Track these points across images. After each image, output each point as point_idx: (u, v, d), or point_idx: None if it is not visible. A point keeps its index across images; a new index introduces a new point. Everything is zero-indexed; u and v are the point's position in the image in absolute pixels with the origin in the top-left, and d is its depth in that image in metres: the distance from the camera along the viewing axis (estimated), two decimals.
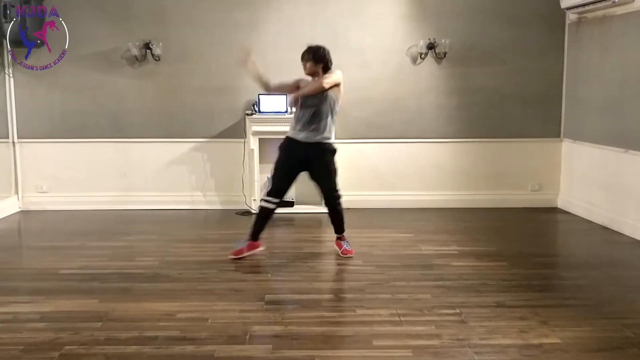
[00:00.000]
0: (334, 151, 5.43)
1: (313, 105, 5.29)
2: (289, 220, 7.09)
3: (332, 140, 5.49)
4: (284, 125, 6.99)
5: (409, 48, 7.43)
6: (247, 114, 7.23)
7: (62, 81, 7.45)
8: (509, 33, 7.42)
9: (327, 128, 5.37)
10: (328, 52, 5.45)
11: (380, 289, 4.64)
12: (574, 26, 7.28)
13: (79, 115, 7.50)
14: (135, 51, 7.27)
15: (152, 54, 7.32)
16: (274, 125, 7.14)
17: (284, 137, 5.52)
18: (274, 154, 5.56)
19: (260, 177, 7.32)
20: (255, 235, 5.48)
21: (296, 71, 7.29)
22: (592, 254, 5.80)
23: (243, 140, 7.36)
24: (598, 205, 6.79)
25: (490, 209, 7.51)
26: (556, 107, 7.56)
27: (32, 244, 6.24)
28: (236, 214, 7.32)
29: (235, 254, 5.41)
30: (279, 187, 5.39)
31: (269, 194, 5.42)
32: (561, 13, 7.27)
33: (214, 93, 7.45)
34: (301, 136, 5.33)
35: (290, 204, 7.29)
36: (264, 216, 5.44)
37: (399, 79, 7.47)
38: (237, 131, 7.44)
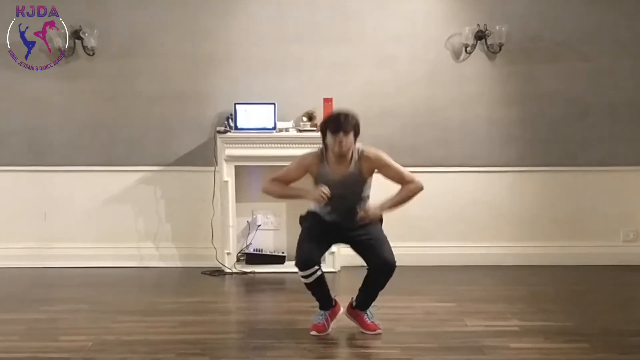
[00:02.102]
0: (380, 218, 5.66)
1: (344, 197, 5.45)
2: (278, 283, 7.16)
3: None
4: (272, 147, 7.11)
5: (450, 38, 7.57)
6: (219, 132, 7.32)
7: None
8: (593, 17, 7.55)
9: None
10: None
11: None
12: None
13: None
14: (58, 42, 7.42)
15: (84, 46, 7.46)
16: (256, 147, 7.23)
17: (270, 164, 5.64)
18: (256, 188, 5.62)
19: (237, 221, 7.39)
20: (328, 305, 5.61)
21: (288, 72, 7.45)
22: None
23: (213, 168, 7.46)
24: None
25: (566, 267, 7.57)
26: None
27: None
28: (203, 273, 7.39)
29: (318, 331, 5.53)
30: (309, 249, 5.48)
31: (299, 266, 5.47)
32: None
33: (172, 102, 7.57)
34: (334, 219, 5.54)
35: (281, 259, 7.36)
36: (316, 288, 5.53)
37: (434, 81, 7.60)
38: (204, 156, 7.54)
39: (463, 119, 7.61)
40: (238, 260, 7.52)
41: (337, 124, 5.24)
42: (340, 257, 7.27)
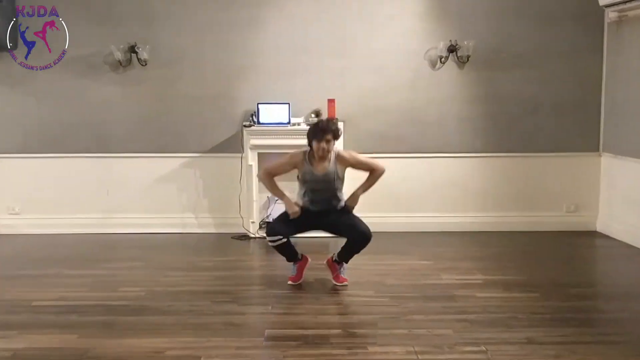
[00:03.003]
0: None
1: (323, 189, 5.50)
2: None
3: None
4: (286, 137, 7.10)
5: (428, 51, 7.51)
6: (245, 126, 7.30)
7: (37, 89, 7.56)
8: (541, 34, 7.49)
9: (340, 197, 5.60)
10: None
11: (396, 324, 4.67)
12: (613, 26, 7.33)
13: (56, 128, 7.60)
14: (119, 55, 7.37)
15: (138, 58, 7.41)
16: (275, 138, 7.22)
17: (285, 151, 5.66)
18: None
19: (259, 196, 7.38)
20: (295, 259, 5.68)
21: (298, 76, 7.43)
22: (635, 283, 5.82)
23: (240, 155, 7.43)
24: None
25: (521, 232, 7.55)
26: (594, 117, 7.61)
27: (3, 273, 6.23)
28: (232, 238, 7.39)
29: (294, 281, 5.63)
30: (280, 224, 5.55)
31: (267, 232, 5.57)
32: (599, 11, 7.31)
33: (207, 102, 7.54)
34: (314, 208, 5.54)
35: None
36: (282, 250, 5.56)
37: (416, 86, 7.54)
38: (233, 145, 7.51)
39: (439, 115, 7.56)
40: (260, 227, 7.49)
41: (321, 134, 5.34)
42: None
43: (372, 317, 4.81)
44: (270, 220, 7.41)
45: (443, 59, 7.46)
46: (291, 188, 5.71)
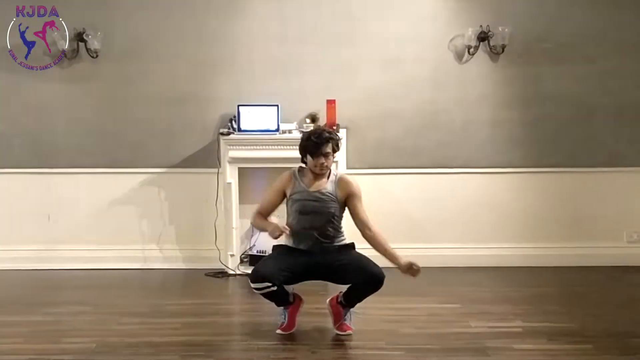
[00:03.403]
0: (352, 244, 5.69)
1: (317, 224, 5.49)
2: None
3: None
4: (274, 148, 7.14)
5: (453, 39, 7.59)
6: (222, 134, 7.36)
7: None
8: (595, 18, 7.57)
9: (340, 235, 5.62)
10: None
11: None
12: None
13: None
14: (63, 44, 7.45)
15: (87, 49, 7.49)
16: (260, 149, 7.26)
17: (273, 166, 5.69)
18: (259, 190, 5.66)
19: (240, 222, 7.41)
20: (287, 303, 5.63)
21: (290, 71, 7.47)
22: None
23: (216, 170, 7.48)
24: None
25: (569, 268, 7.58)
26: None
27: None
28: (206, 275, 7.42)
29: (285, 330, 5.59)
30: (267, 266, 5.50)
31: (251, 277, 5.48)
32: None
33: (175, 104, 7.61)
34: (308, 248, 5.54)
35: None
36: (271, 298, 5.56)
37: (437, 83, 7.63)
38: (207, 158, 7.57)
39: (466, 121, 7.63)
40: (241, 261, 7.54)
41: (318, 147, 5.35)
42: None
43: None
44: (255, 253, 7.47)
45: (472, 50, 7.53)
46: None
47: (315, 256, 5.45)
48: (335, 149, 5.45)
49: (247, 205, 7.33)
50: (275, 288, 5.34)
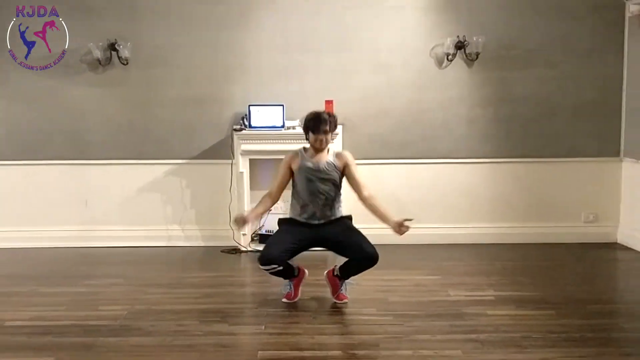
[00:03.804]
0: (349, 217, 5.73)
1: (320, 196, 5.53)
2: None
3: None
4: (280, 142, 7.12)
5: (434, 48, 7.56)
6: (235, 130, 7.34)
7: (7, 91, 7.61)
8: (556, 29, 7.53)
9: (339, 206, 5.66)
10: None
11: (400, 345, 4.69)
12: (635, 20, 7.37)
13: (28, 133, 7.64)
14: (97, 53, 7.41)
15: (119, 57, 7.46)
16: (267, 142, 7.25)
17: (279, 157, 5.70)
18: (267, 178, 5.65)
19: (251, 206, 7.39)
20: (292, 275, 5.65)
21: (293, 75, 7.47)
22: None
23: (230, 161, 7.48)
24: None
25: (535, 244, 7.58)
26: (615, 119, 7.66)
27: None
28: (222, 252, 7.42)
29: (290, 299, 5.65)
30: (274, 248, 5.47)
31: (260, 260, 5.45)
32: (620, 4, 7.40)
33: (194, 104, 7.58)
34: (310, 221, 5.57)
35: None
36: (276, 274, 5.54)
37: (421, 85, 7.59)
38: (222, 151, 7.56)
39: (446, 118, 7.61)
40: (252, 240, 7.54)
41: (318, 125, 5.45)
42: None
43: (374, 337, 4.83)
44: (264, 232, 7.46)
45: (450, 57, 7.50)
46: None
47: (318, 229, 5.50)
48: (333, 128, 5.51)
49: (257, 192, 7.32)
50: (281, 268, 5.39)
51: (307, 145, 5.59)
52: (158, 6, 7.48)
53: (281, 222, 5.72)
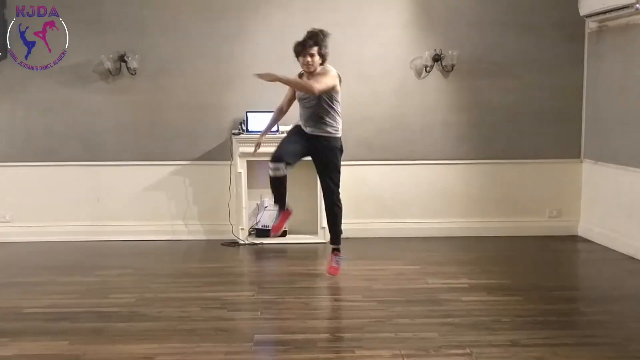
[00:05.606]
0: (340, 149, 5.82)
1: (310, 106, 5.69)
2: (281, 252, 7.17)
3: (339, 134, 5.81)
4: (275, 145, 7.10)
5: (413, 60, 7.55)
6: (234, 134, 7.32)
7: (26, 98, 7.54)
8: (522, 44, 7.54)
9: (330, 123, 5.71)
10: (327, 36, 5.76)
11: (382, 327, 4.69)
12: (594, 35, 7.39)
13: (46, 136, 7.58)
14: (108, 64, 7.36)
15: (128, 68, 7.42)
16: (263, 146, 7.17)
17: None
18: (263, 178, 5.66)
19: (248, 203, 7.40)
20: (282, 206, 5.82)
21: (287, 86, 7.41)
22: (615, 286, 5.84)
23: (229, 162, 7.45)
24: (622, 233, 6.86)
25: (504, 237, 7.58)
26: (575, 124, 7.66)
27: None
28: (222, 244, 7.38)
29: (275, 231, 5.88)
30: (284, 149, 5.69)
31: (272, 159, 5.65)
32: (580, 21, 7.38)
33: (196, 111, 7.54)
34: (307, 130, 5.76)
35: (283, 233, 7.33)
36: (277, 185, 5.70)
37: (402, 94, 7.58)
38: (222, 153, 7.52)
39: (424, 123, 7.60)
40: (249, 234, 7.51)
41: (303, 48, 5.58)
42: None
43: (359, 321, 4.82)
44: (260, 227, 7.45)
45: (428, 68, 7.49)
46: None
47: (311, 140, 5.71)
48: (317, 43, 5.59)
49: (253, 190, 7.35)
50: (284, 174, 5.60)
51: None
52: (164, 22, 7.44)
53: (292, 128, 6.01)
